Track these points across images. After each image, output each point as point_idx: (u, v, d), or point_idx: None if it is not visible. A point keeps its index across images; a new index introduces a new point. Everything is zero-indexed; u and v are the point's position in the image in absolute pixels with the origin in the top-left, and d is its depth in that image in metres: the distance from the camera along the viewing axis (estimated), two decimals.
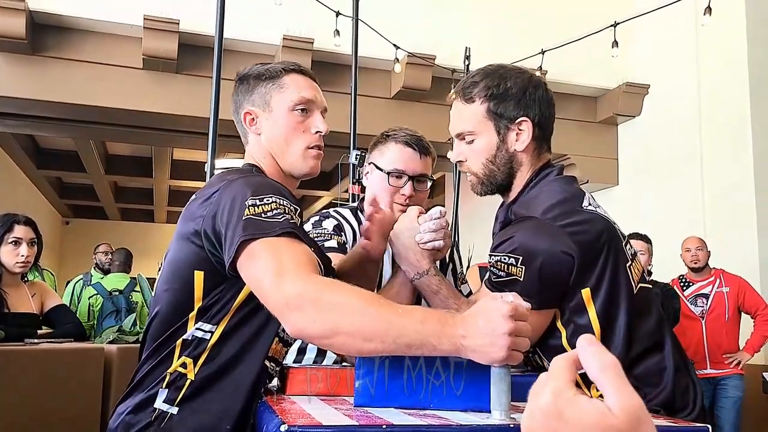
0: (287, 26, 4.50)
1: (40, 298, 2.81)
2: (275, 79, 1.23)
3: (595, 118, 5.66)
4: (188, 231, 1.11)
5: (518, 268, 1.15)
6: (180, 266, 1.12)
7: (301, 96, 1.23)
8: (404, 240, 1.29)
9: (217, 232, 1.06)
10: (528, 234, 1.17)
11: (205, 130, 2.54)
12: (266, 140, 1.24)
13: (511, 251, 1.16)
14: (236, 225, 1.02)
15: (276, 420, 0.84)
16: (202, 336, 1.10)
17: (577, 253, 1.14)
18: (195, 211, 1.12)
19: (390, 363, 0.99)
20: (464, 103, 1.28)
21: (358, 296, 0.92)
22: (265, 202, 1.04)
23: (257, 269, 0.99)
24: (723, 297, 3.97)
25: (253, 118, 1.24)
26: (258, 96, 1.24)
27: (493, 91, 1.25)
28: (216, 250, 1.07)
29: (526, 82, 1.27)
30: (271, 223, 1.01)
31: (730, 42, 4.74)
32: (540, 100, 1.27)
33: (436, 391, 0.98)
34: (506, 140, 1.26)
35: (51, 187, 9.42)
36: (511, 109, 1.25)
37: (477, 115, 1.26)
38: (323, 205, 9.77)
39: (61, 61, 4.37)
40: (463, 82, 1.31)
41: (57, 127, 5.16)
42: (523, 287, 1.14)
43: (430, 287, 1.28)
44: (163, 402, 1.09)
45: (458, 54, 4.17)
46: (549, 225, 1.16)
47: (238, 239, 1.00)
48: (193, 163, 8.24)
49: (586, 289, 1.16)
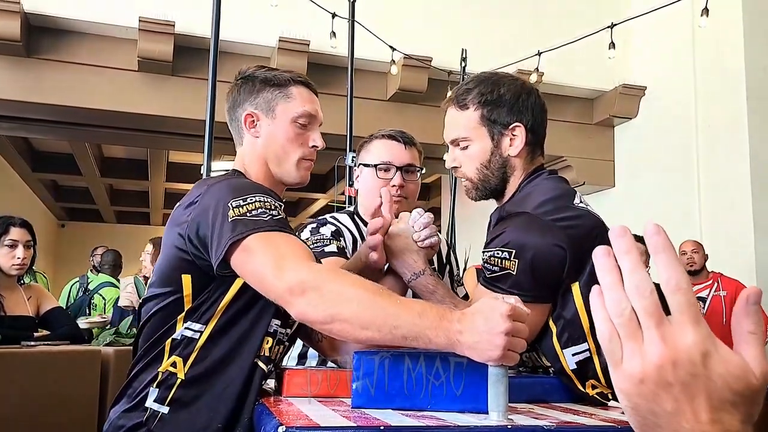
0: (283, 28, 4.50)
1: (36, 301, 2.79)
2: (283, 87, 1.26)
3: (592, 120, 5.67)
4: (173, 237, 1.13)
5: (511, 262, 1.16)
6: (168, 271, 1.15)
7: (305, 109, 1.26)
8: (400, 242, 1.30)
9: (201, 236, 1.08)
10: (520, 228, 1.18)
11: (200, 133, 2.54)
12: (263, 145, 1.25)
13: (503, 245, 1.18)
14: (223, 227, 1.04)
15: (274, 421, 0.84)
16: (191, 335, 1.12)
17: (569, 246, 1.15)
18: (179, 217, 1.14)
19: (388, 364, 0.99)
20: (458, 109, 1.31)
21: (359, 285, 0.95)
22: (248, 202, 1.06)
23: (256, 263, 1.02)
24: (720, 301, 3.97)
25: (253, 121, 1.25)
26: (263, 100, 1.25)
27: (487, 97, 1.28)
28: (201, 253, 1.09)
29: (519, 88, 1.30)
30: (258, 220, 1.04)
31: (727, 44, 4.75)
32: (533, 106, 1.30)
33: (435, 392, 0.98)
34: (500, 146, 1.29)
35: (46, 189, 9.39)
36: (504, 115, 1.28)
37: (471, 122, 1.29)
38: (320, 207, 9.77)
39: (56, 63, 4.35)
40: (456, 89, 1.34)
41: (52, 130, 5.15)
42: (517, 281, 1.16)
43: (426, 287, 1.29)
44: (153, 401, 1.10)
45: (454, 56, 4.17)
46: (541, 219, 1.18)
47: (227, 240, 1.02)
48: (189, 165, 8.21)
49: (576, 284, 1.17)
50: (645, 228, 0.43)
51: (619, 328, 0.43)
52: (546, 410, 1.05)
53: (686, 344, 0.41)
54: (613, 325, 0.43)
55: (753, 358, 0.42)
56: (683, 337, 0.41)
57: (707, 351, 0.41)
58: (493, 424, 0.86)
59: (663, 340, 0.42)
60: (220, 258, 1.03)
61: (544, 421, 0.90)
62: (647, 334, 0.42)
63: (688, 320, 0.41)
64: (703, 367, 0.41)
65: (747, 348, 0.42)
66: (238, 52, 4.48)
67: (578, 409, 1.09)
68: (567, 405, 1.14)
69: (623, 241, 0.44)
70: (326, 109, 1.34)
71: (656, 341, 0.42)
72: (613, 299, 0.43)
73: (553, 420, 0.92)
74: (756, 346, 0.42)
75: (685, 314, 0.42)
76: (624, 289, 0.43)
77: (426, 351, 0.97)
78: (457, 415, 0.95)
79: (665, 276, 0.42)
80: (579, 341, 1.17)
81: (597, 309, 0.44)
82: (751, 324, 0.42)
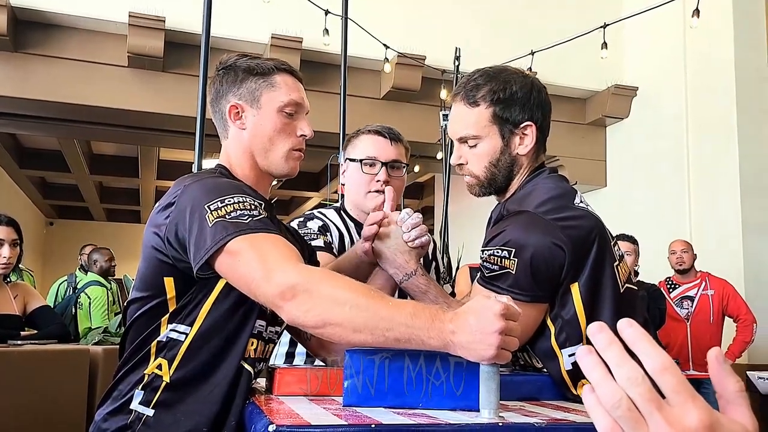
0: (275, 25, 4.48)
1: (23, 300, 2.76)
2: (266, 76, 1.21)
3: (584, 120, 5.69)
4: (153, 240, 1.11)
5: (511, 261, 1.15)
6: (149, 274, 1.13)
7: (291, 98, 1.21)
8: (390, 244, 1.29)
9: (180, 239, 1.06)
10: (520, 227, 1.17)
11: (191, 130, 2.52)
12: (250, 137, 1.21)
13: (503, 244, 1.16)
14: (203, 231, 1.02)
15: (264, 420, 0.83)
16: (176, 337, 1.10)
17: (568, 246, 1.14)
18: (157, 219, 1.11)
19: (379, 362, 0.98)
20: (468, 106, 1.27)
21: (350, 288, 0.94)
22: (226, 203, 1.04)
23: (242, 268, 1.00)
24: (708, 300, 4.01)
25: (238, 113, 1.21)
26: (246, 91, 1.21)
27: (499, 95, 1.24)
28: (182, 256, 1.07)
29: (530, 86, 1.27)
30: (239, 222, 1.02)
31: (718, 45, 4.79)
32: (542, 104, 1.28)
33: (426, 390, 0.97)
34: (510, 144, 1.26)
35: (34, 187, 9.31)
36: (516, 114, 1.25)
37: (482, 119, 1.25)
38: (312, 206, 9.75)
39: (44, 58, 4.31)
40: (464, 84, 1.29)
41: (40, 126, 5.10)
42: (516, 280, 1.14)
43: (419, 287, 1.28)
44: (139, 404, 1.09)
45: (448, 54, 4.17)
46: (541, 218, 1.17)
47: (211, 244, 1.00)
48: (180, 163, 8.16)
49: (575, 284, 1.16)
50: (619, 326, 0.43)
51: (621, 420, 0.42)
52: (537, 408, 1.05)
53: (694, 423, 0.40)
54: (612, 419, 0.43)
55: (746, 416, 0.42)
56: (688, 417, 0.40)
57: (713, 424, 0.40)
58: (484, 422, 0.85)
59: (669, 423, 0.41)
60: (202, 262, 1.01)
61: (535, 418, 0.90)
62: (651, 420, 0.41)
63: (686, 399, 0.41)
64: None
65: (739, 409, 0.42)
66: (229, 48, 4.45)
67: (569, 406, 1.09)
68: (558, 402, 1.14)
69: (602, 338, 0.43)
70: (319, 107, 1.33)
71: (663, 426, 0.41)
72: (606, 393, 0.42)
73: (543, 417, 0.91)
74: (745, 404, 0.42)
75: (681, 393, 0.41)
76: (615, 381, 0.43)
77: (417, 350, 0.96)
78: (449, 412, 0.94)
79: (650, 362, 0.42)
80: (577, 342, 1.16)
81: (593, 406, 0.44)
82: (735, 383, 0.42)
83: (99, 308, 4.43)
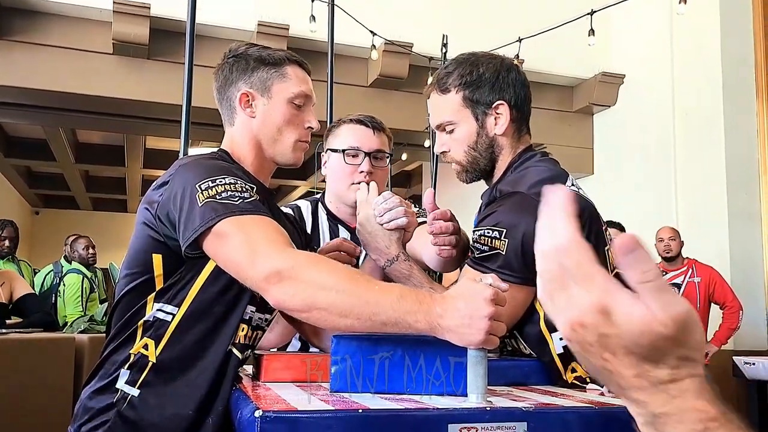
0: (262, 12, 4.44)
1: (9, 287, 2.74)
2: (278, 66, 1.23)
3: (571, 108, 5.70)
4: (145, 216, 1.12)
5: (501, 241, 1.15)
6: (139, 250, 1.14)
7: (301, 90, 1.23)
8: (370, 228, 1.28)
9: (171, 217, 1.07)
10: (512, 208, 1.17)
11: (177, 118, 2.49)
12: (258, 125, 1.23)
13: (494, 225, 1.17)
14: (192, 210, 1.03)
15: (251, 406, 0.83)
16: (163, 317, 1.10)
17: None
18: (151, 197, 1.13)
19: (366, 348, 0.98)
20: (440, 94, 1.30)
21: (336, 272, 0.94)
22: (217, 183, 1.05)
23: (229, 250, 1.00)
24: (694, 287, 4.05)
25: (249, 101, 1.23)
26: (258, 80, 1.23)
27: (466, 78, 1.26)
28: (172, 233, 1.08)
29: (499, 65, 1.29)
30: (229, 203, 1.02)
31: (705, 32, 4.80)
32: (514, 82, 1.28)
33: (413, 374, 0.98)
34: (485, 125, 1.28)
35: (20, 176, 9.18)
36: (486, 94, 1.26)
37: (454, 105, 1.28)
38: (300, 195, 9.71)
39: (28, 45, 4.24)
40: (437, 74, 1.32)
41: (24, 114, 5.03)
42: (506, 260, 1.15)
43: (401, 272, 1.28)
44: (125, 383, 1.09)
45: (435, 42, 4.15)
46: (533, 200, 1.16)
47: (199, 224, 1.01)
48: (167, 152, 8.09)
49: None
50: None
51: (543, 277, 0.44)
52: (525, 392, 1.06)
53: (584, 305, 0.41)
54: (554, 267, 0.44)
55: (657, 306, 0.39)
56: (581, 299, 0.41)
57: (605, 308, 0.40)
58: (472, 406, 0.86)
59: (569, 302, 0.42)
60: (190, 241, 1.02)
61: (523, 402, 0.91)
62: (558, 297, 0.43)
63: (582, 281, 0.41)
64: (608, 325, 0.40)
65: (646, 298, 0.40)
66: (215, 35, 4.41)
67: (557, 391, 1.10)
68: (546, 387, 1.15)
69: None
70: None
71: (563, 303, 0.42)
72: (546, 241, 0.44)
73: (531, 402, 0.92)
74: (653, 292, 0.39)
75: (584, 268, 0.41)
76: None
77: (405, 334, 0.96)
78: (436, 397, 0.94)
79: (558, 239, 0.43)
80: None
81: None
82: (637, 274, 0.40)
83: (72, 296, 4.40)
